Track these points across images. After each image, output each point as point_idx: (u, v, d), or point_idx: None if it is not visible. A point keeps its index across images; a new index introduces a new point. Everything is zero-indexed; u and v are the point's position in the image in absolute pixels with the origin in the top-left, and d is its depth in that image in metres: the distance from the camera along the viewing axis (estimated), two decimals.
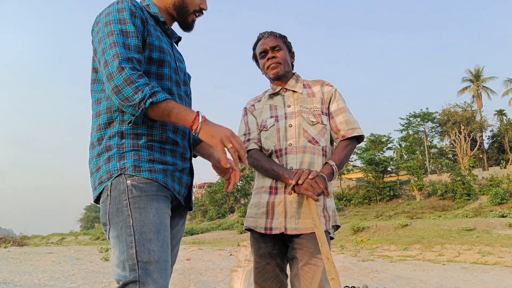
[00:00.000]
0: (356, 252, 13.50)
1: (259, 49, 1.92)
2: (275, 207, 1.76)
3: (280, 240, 1.81)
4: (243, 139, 1.91)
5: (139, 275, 1.16)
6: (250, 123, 1.94)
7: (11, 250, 12.05)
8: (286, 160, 1.79)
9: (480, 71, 43.32)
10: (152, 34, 1.37)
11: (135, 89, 1.18)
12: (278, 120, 1.86)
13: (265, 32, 1.94)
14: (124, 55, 1.22)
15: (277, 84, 1.95)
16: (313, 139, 1.81)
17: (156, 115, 1.23)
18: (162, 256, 1.21)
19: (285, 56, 1.90)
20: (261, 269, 1.80)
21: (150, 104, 1.19)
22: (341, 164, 1.77)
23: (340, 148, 1.84)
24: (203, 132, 1.23)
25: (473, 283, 7.64)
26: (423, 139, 43.53)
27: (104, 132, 1.32)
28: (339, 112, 1.87)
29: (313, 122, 1.83)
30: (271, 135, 1.85)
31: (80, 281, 6.08)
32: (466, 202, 28.47)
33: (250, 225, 1.83)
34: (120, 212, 1.22)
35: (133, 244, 1.18)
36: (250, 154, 1.86)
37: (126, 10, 1.31)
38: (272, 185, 1.79)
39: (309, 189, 1.63)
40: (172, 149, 1.37)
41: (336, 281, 1.48)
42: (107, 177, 1.27)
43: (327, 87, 1.93)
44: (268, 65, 1.89)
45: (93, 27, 1.37)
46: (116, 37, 1.26)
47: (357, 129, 1.84)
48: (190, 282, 5.80)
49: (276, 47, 1.89)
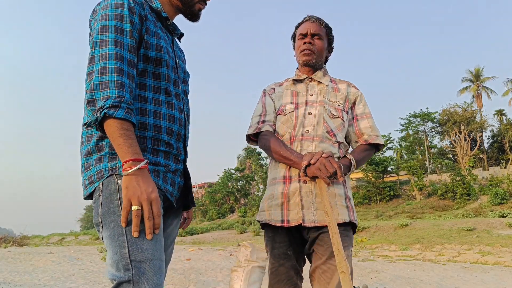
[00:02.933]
0: (356, 252, 13.48)
1: (300, 30, 1.86)
2: (290, 198, 1.68)
3: (297, 236, 1.73)
4: (258, 120, 1.85)
5: (133, 274, 1.15)
6: (268, 105, 1.88)
7: (11, 250, 12.04)
8: (301, 147, 1.73)
9: (480, 71, 43.32)
10: (151, 31, 1.34)
11: (102, 95, 1.15)
12: (298, 108, 1.80)
13: (313, 16, 1.88)
14: (112, 55, 1.19)
15: (303, 71, 1.88)
16: (332, 131, 1.76)
17: (107, 131, 1.17)
18: (156, 255, 1.20)
19: (322, 47, 1.85)
20: (274, 271, 1.73)
21: (104, 116, 1.14)
22: (359, 162, 1.74)
23: (360, 149, 1.80)
24: (124, 179, 1.15)
25: (473, 283, 7.63)
26: (423, 139, 43.53)
27: (95, 130, 1.29)
28: (365, 117, 1.84)
29: (333, 115, 1.78)
30: (288, 121, 1.79)
31: (80, 281, 6.07)
32: (466, 202, 28.45)
33: (265, 219, 1.75)
34: (111, 212, 1.21)
35: (125, 243, 1.17)
36: (262, 135, 1.82)
37: (124, 5, 1.27)
38: (285, 174, 1.72)
39: (321, 168, 1.56)
40: (166, 151, 1.35)
41: (346, 275, 1.43)
42: (98, 177, 1.25)
43: (354, 88, 1.90)
44: (302, 49, 1.83)
45: (91, 17, 1.33)
46: (110, 34, 1.22)
47: (379, 138, 1.82)
48: (190, 282, 5.80)
49: (317, 34, 1.83)
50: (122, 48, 1.22)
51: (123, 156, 1.16)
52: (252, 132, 1.84)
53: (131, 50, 1.25)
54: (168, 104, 1.38)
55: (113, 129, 1.16)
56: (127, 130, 1.17)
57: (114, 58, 1.20)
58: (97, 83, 1.17)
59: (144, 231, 1.19)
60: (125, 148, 1.16)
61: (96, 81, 1.17)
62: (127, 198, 1.14)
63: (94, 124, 1.18)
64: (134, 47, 1.27)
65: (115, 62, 1.19)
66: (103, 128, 1.18)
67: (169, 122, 1.37)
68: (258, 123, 1.84)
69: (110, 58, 1.19)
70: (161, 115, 1.34)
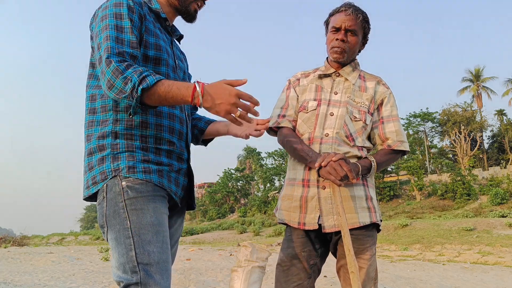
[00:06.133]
0: None
1: (334, 22, 1.72)
2: (308, 202, 1.67)
3: (315, 238, 1.71)
4: (279, 113, 1.80)
5: (141, 277, 1.16)
6: (291, 98, 1.82)
7: (11, 250, 12.05)
8: (320, 149, 1.68)
9: (480, 71, 43.29)
10: (150, 31, 1.34)
11: (124, 80, 1.14)
12: (320, 105, 1.74)
13: (350, 5, 1.72)
14: (114, 50, 1.19)
15: (332, 65, 1.80)
16: (350, 136, 1.70)
17: (152, 101, 1.17)
18: (162, 257, 1.21)
19: (355, 44, 1.74)
20: (286, 269, 1.71)
21: (142, 92, 1.14)
22: (380, 165, 1.69)
23: (383, 152, 1.75)
24: (207, 105, 1.15)
25: (473, 283, 7.63)
26: (423, 139, 43.52)
27: (95, 129, 1.30)
28: (391, 120, 1.76)
29: (355, 118, 1.72)
30: (309, 120, 1.74)
31: (80, 281, 6.07)
32: (466, 202, 28.44)
33: (283, 219, 1.75)
34: (117, 214, 1.21)
35: (132, 246, 1.18)
36: (281, 131, 1.78)
37: (123, 5, 1.28)
38: (304, 177, 1.70)
39: (331, 172, 1.52)
40: (169, 150, 1.35)
41: (355, 275, 1.45)
42: (101, 178, 1.25)
43: (383, 87, 1.80)
44: (333, 45, 1.72)
45: (91, 21, 1.35)
46: (110, 31, 1.23)
47: (405, 143, 1.75)
48: (190, 282, 5.79)
49: (352, 30, 1.70)
50: (123, 44, 1.23)
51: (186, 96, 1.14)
52: (272, 125, 1.79)
53: (132, 46, 1.25)
54: None
55: (157, 95, 1.15)
56: (165, 85, 1.15)
57: (115, 53, 1.20)
58: (110, 75, 1.16)
59: (151, 231, 1.20)
60: (180, 91, 1.15)
61: (109, 74, 1.16)
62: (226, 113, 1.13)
63: (138, 107, 1.17)
64: (136, 43, 1.26)
65: (116, 56, 1.19)
66: (148, 104, 1.18)
67: (170, 120, 1.37)
68: (278, 117, 1.80)
69: (112, 52, 1.19)
70: (162, 114, 1.35)
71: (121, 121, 1.28)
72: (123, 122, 1.29)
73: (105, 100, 1.30)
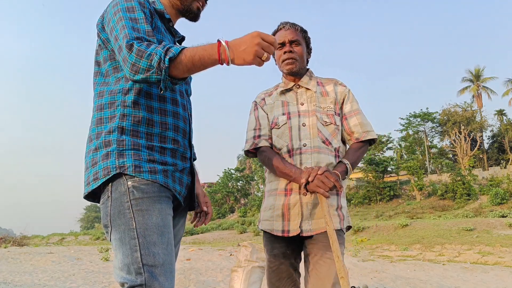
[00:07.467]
0: (356, 252, 13.47)
1: (278, 40, 1.85)
2: (290, 209, 1.74)
3: (294, 240, 1.79)
4: (253, 134, 1.87)
5: (145, 279, 1.15)
6: (261, 118, 1.89)
7: (11, 250, 12.04)
8: (301, 160, 1.75)
9: (480, 71, 43.33)
10: (158, 28, 1.36)
11: (149, 57, 1.14)
12: (290, 118, 1.82)
13: (286, 22, 1.87)
14: (132, 35, 1.19)
15: (290, 80, 1.90)
16: (327, 140, 1.79)
17: (180, 71, 1.17)
18: (167, 259, 1.21)
19: (302, 52, 1.85)
20: (275, 269, 1.79)
21: (170, 62, 1.14)
22: (354, 164, 1.77)
23: (353, 149, 1.83)
24: (234, 56, 1.16)
25: (473, 283, 7.63)
26: (423, 139, 43.54)
27: (104, 126, 1.30)
28: (353, 114, 1.85)
29: (326, 123, 1.80)
30: (283, 133, 1.81)
31: (80, 281, 6.07)
32: (466, 202, 28.45)
33: (266, 228, 1.82)
34: (122, 214, 1.20)
35: (137, 247, 1.17)
36: (261, 151, 1.84)
37: (134, 0, 1.30)
38: (286, 187, 1.77)
39: (320, 185, 1.59)
40: (173, 149, 1.36)
41: (345, 280, 1.49)
42: (104, 173, 1.24)
43: (341, 87, 1.90)
44: (284, 59, 1.84)
45: (99, 21, 1.35)
46: (125, 21, 1.23)
47: (370, 132, 1.84)
48: (190, 282, 5.79)
49: (295, 41, 1.83)
50: (140, 33, 1.23)
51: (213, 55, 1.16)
52: (249, 148, 1.87)
53: (148, 34, 1.25)
54: (173, 101, 1.39)
55: (184, 63, 1.16)
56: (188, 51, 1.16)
57: (134, 38, 1.19)
58: (134, 58, 1.16)
59: (156, 232, 1.19)
60: (206, 53, 1.16)
61: (132, 58, 1.16)
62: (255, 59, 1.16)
63: (167, 79, 1.16)
64: (151, 31, 1.26)
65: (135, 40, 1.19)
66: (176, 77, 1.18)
67: (175, 118, 1.37)
68: (254, 138, 1.86)
69: (131, 37, 1.19)
70: (166, 112, 1.35)
71: (128, 116, 1.28)
72: (130, 117, 1.28)
73: (114, 96, 1.31)
